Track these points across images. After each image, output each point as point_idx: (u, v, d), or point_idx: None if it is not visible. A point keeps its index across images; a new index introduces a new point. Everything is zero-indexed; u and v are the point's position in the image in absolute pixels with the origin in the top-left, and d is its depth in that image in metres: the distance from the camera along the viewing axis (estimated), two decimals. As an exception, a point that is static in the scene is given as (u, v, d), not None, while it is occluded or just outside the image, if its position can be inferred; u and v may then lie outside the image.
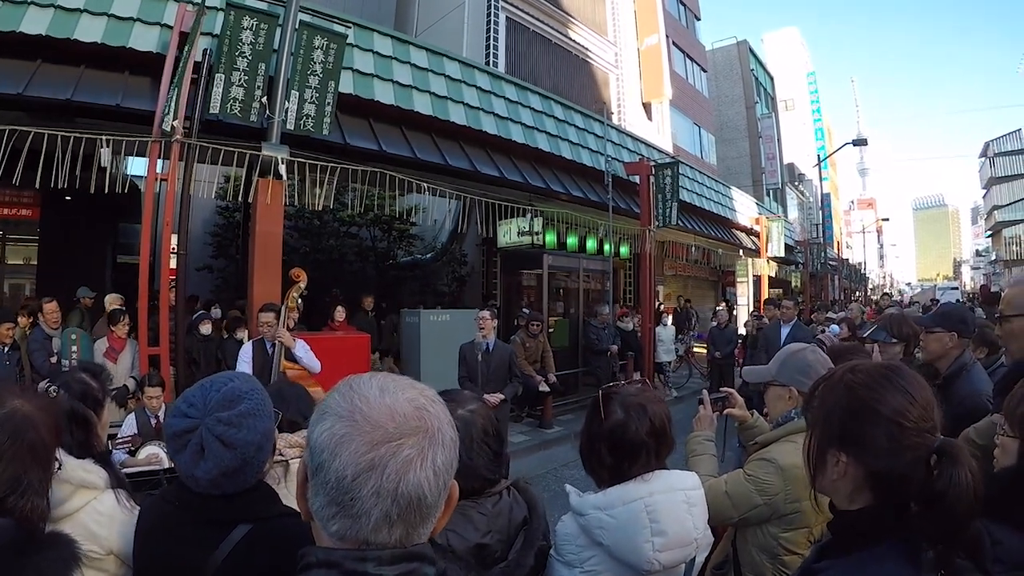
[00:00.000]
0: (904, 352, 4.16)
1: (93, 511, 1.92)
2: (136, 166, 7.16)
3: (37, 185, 5.98)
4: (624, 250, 13.40)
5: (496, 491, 1.79)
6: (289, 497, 1.79)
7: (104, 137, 6.16)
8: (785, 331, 8.74)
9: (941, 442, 1.17)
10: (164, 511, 1.55)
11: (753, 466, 2.34)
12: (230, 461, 1.41)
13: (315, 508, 0.83)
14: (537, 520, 1.83)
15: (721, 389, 2.82)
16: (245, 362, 5.58)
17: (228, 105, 6.74)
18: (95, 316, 8.27)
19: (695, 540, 1.86)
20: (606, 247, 12.34)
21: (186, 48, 6.12)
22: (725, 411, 2.73)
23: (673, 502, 1.83)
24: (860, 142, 27.47)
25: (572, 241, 12.31)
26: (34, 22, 6.11)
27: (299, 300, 5.82)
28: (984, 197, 72.73)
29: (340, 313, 9.04)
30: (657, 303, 16.57)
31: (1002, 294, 2.82)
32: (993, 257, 71.04)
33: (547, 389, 9.40)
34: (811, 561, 1.33)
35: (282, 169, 6.73)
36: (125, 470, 4.19)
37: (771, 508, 2.25)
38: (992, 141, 65.23)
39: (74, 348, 6.53)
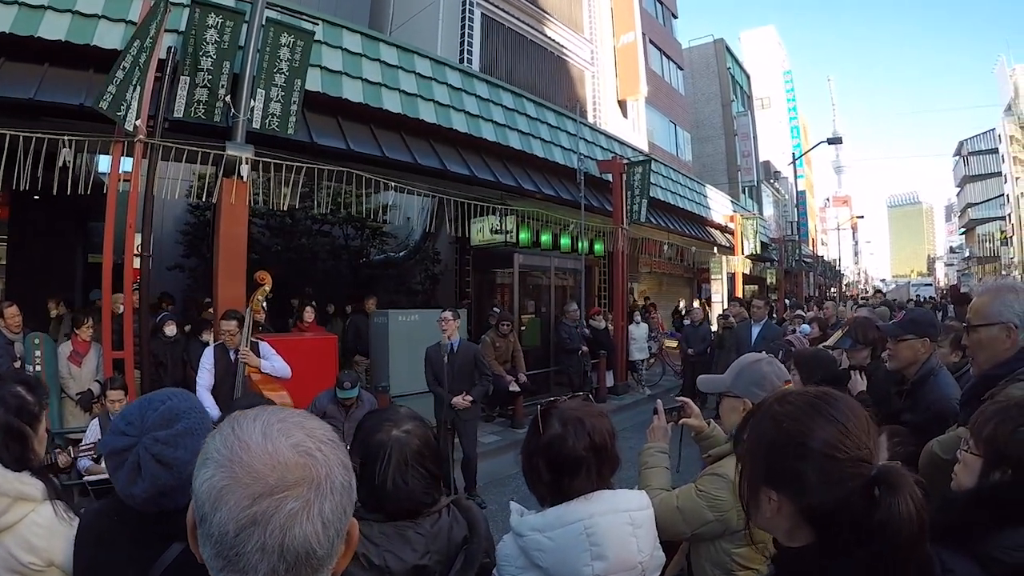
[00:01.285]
0: (871, 356, 4.17)
1: (32, 523, 1.92)
2: (104, 164, 7.06)
3: None
4: (598, 247, 13.42)
5: (435, 510, 1.75)
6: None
7: (67, 137, 6.06)
8: (756, 330, 8.84)
9: (879, 470, 1.13)
10: (103, 525, 1.54)
11: (705, 481, 2.30)
12: (166, 480, 1.41)
13: (205, 557, 0.79)
14: (478, 540, 1.78)
15: (676, 399, 2.77)
16: (207, 369, 5.50)
17: (192, 108, 6.66)
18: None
19: (640, 563, 1.80)
20: (579, 244, 12.38)
21: (137, 43, 5.97)
22: (680, 421, 2.68)
23: (616, 524, 1.77)
24: (835, 140, 27.77)
25: (546, 238, 12.28)
26: (-3, 19, 5.99)
27: (264, 303, 5.78)
28: (958, 195, 73.85)
29: (309, 314, 8.99)
30: (631, 300, 16.65)
31: (972, 296, 2.82)
32: (967, 254, 72.07)
33: (518, 389, 9.41)
34: None
35: (244, 169, 6.67)
36: (88, 477, 4.17)
37: (723, 524, 2.21)
38: (966, 140, 66.24)
39: (38, 353, 6.41)
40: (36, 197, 7.15)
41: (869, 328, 4.33)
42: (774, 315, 12.39)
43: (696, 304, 17.56)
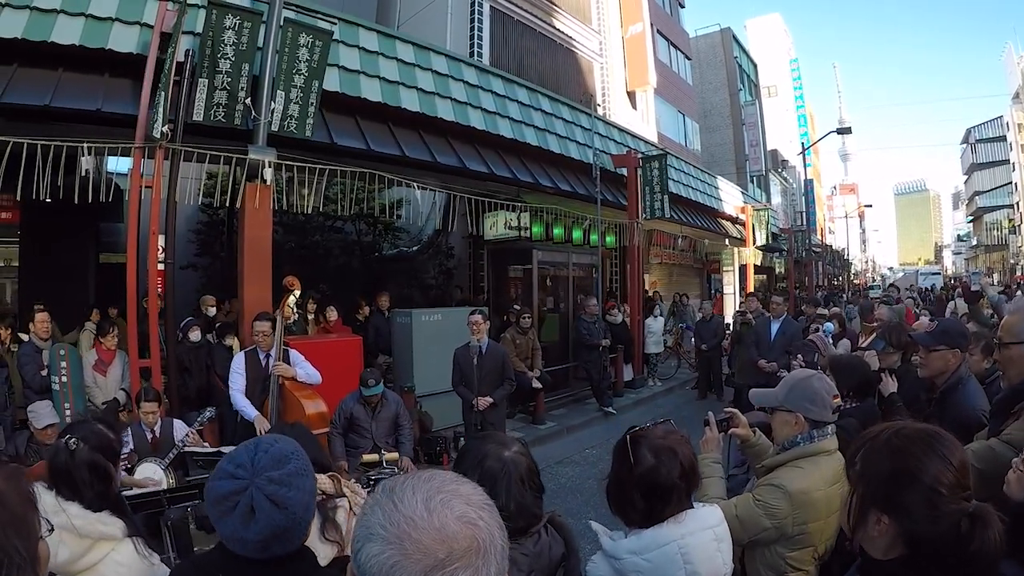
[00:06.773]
0: (902, 360, 4.37)
1: (113, 563, 1.99)
2: (118, 165, 7.00)
3: (18, 196, 5.81)
4: (610, 239, 13.37)
5: (535, 530, 1.81)
6: (312, 543, 1.85)
7: (86, 144, 5.99)
8: (775, 326, 8.80)
9: (975, 508, 1.28)
10: None
11: (762, 491, 2.44)
12: (281, 521, 1.40)
13: None
14: (575, 557, 1.87)
15: (725, 410, 2.88)
16: (238, 373, 5.50)
17: (212, 111, 6.60)
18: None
19: (724, 575, 1.93)
20: (592, 237, 12.33)
21: (169, 50, 5.96)
22: (729, 431, 2.79)
23: (704, 541, 1.89)
24: (844, 130, 27.65)
25: (558, 232, 12.24)
26: (9, 25, 5.85)
27: (294, 308, 5.75)
28: (965, 183, 73.57)
29: (332, 313, 8.95)
30: (649, 292, 16.58)
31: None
32: (974, 242, 71.90)
33: (539, 385, 9.43)
34: None
35: (268, 173, 6.61)
36: (123, 492, 4.13)
37: (779, 531, 2.36)
38: (973, 128, 65.95)
39: (63, 364, 6.34)
40: (47, 200, 7.13)
41: (902, 332, 4.56)
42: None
43: (693, 298, 17.52)
